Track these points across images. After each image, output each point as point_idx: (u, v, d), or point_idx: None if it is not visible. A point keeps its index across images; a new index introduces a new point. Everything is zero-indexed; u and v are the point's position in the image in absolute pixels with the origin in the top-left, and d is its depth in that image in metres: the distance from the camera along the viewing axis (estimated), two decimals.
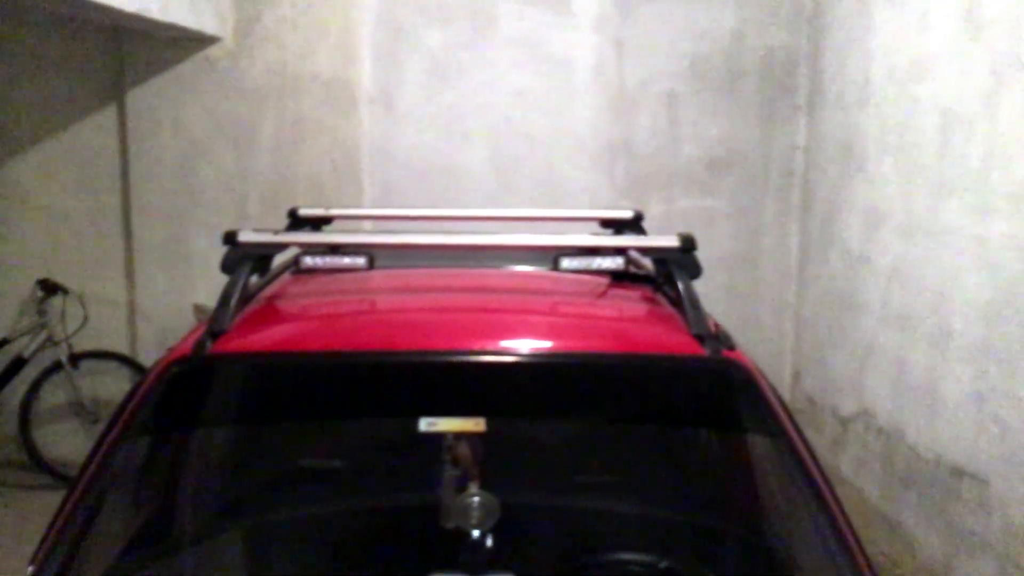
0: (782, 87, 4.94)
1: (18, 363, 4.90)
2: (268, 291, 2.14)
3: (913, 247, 3.63)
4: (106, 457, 1.63)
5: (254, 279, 2.06)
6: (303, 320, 2.04)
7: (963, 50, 3.26)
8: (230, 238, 1.99)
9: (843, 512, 1.58)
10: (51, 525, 1.55)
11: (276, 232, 2.04)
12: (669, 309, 2.02)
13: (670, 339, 1.84)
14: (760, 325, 5.09)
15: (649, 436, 1.87)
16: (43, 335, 4.92)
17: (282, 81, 4.84)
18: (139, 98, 4.87)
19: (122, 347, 5.05)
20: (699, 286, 1.94)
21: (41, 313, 4.95)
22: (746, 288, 5.07)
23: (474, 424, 1.63)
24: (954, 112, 3.33)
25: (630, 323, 2.03)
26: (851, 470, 4.20)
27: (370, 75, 4.90)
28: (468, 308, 2.05)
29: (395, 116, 4.94)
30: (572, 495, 1.77)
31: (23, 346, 4.93)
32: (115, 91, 4.92)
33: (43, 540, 1.53)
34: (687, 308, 1.86)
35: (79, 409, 5.03)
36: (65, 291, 4.94)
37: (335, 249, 2.05)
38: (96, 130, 4.98)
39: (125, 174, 4.97)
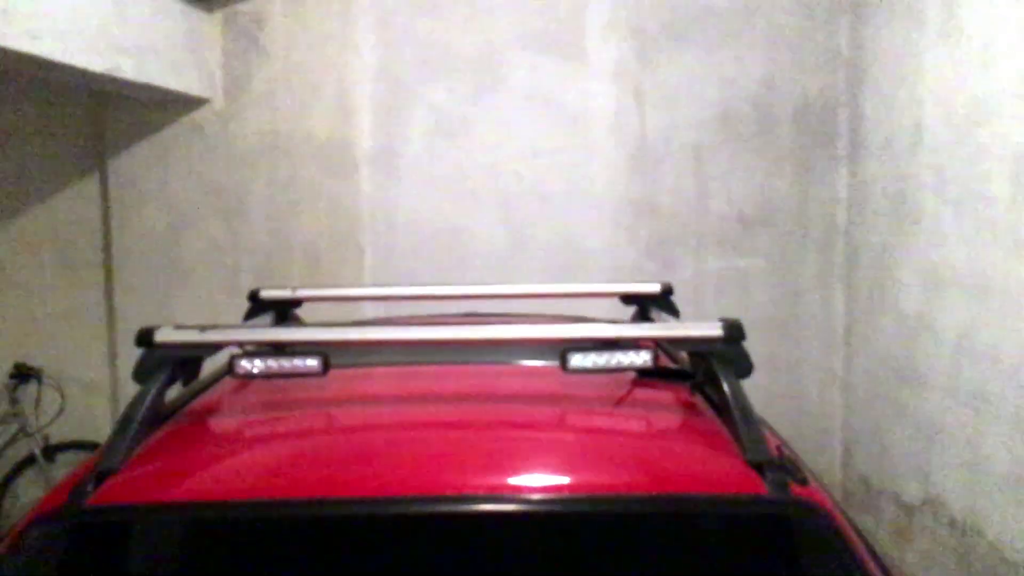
0: (819, 136, 4.51)
1: None
2: (194, 405, 1.69)
3: (985, 312, 3.19)
4: None
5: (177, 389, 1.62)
6: (225, 452, 1.56)
7: None
8: (144, 338, 1.56)
9: None
10: None
11: (203, 328, 1.59)
12: (711, 419, 1.54)
13: (715, 470, 1.36)
14: (804, 397, 4.57)
15: None
16: (15, 426, 4.51)
17: (275, 144, 4.49)
18: (122, 166, 4.52)
19: (104, 436, 4.61)
20: None
21: (13, 401, 4.54)
22: (787, 356, 4.57)
23: None
24: None
25: (662, 446, 1.52)
26: (919, 566, 3.66)
27: (369, 134, 4.53)
28: (448, 429, 1.56)
29: (397, 177, 4.56)
30: None
31: None
32: (96, 159, 4.58)
33: None
34: (738, 422, 1.39)
35: None
36: (40, 376, 4.53)
37: (282, 348, 1.61)
38: (76, 201, 4.63)
39: (107, 248, 4.60)
